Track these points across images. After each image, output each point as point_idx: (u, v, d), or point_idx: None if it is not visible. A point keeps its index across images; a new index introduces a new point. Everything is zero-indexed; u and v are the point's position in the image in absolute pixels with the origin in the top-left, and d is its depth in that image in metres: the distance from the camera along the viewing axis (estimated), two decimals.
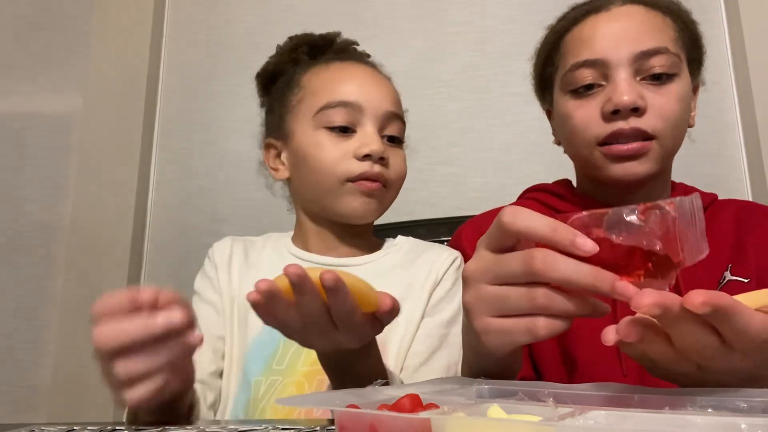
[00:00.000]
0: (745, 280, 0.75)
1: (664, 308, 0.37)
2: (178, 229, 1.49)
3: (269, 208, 1.47)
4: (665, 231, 0.41)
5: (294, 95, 0.90)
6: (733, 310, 0.37)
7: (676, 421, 0.31)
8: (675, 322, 0.38)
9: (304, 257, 0.88)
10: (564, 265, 0.42)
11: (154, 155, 1.53)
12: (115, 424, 0.56)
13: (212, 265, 0.90)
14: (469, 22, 1.48)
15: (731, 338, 0.38)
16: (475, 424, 0.31)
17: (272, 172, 0.93)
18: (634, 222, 0.41)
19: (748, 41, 1.33)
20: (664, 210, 0.41)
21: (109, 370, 0.51)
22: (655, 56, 0.73)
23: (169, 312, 0.51)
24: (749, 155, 1.33)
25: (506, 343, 0.46)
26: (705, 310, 0.36)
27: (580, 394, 0.42)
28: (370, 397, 0.39)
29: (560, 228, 0.42)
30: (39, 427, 0.54)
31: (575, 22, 0.79)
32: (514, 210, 0.44)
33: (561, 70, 0.79)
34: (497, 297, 0.45)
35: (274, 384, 0.79)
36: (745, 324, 0.37)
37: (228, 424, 0.55)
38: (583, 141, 0.76)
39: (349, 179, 0.83)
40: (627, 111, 0.72)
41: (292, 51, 0.96)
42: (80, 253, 1.43)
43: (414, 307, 0.83)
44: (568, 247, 0.42)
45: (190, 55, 1.57)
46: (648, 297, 0.38)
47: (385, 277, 0.84)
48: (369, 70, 0.91)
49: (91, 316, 0.52)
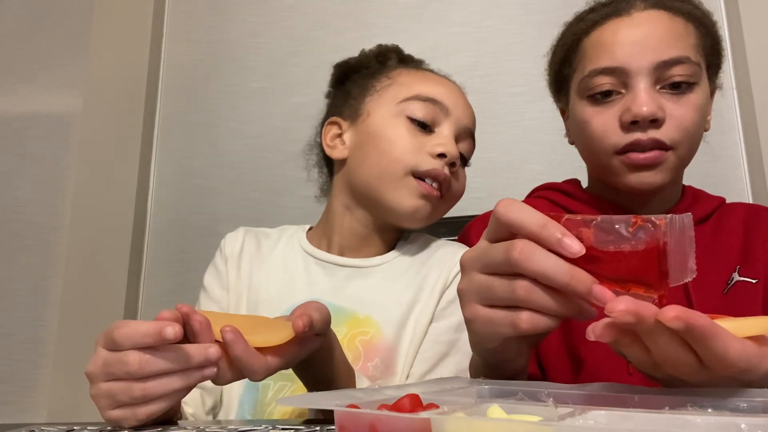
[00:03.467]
0: (753, 280, 0.75)
1: (637, 317, 0.37)
2: (178, 229, 1.49)
3: (269, 208, 1.48)
4: (653, 247, 0.40)
5: (379, 82, 0.89)
6: (709, 333, 0.36)
7: (676, 421, 0.31)
8: (650, 333, 0.38)
9: (315, 254, 0.87)
10: (543, 258, 0.41)
11: (154, 155, 1.53)
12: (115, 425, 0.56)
13: (222, 258, 0.89)
14: (469, 22, 1.48)
15: (707, 360, 0.38)
16: (475, 424, 0.31)
17: (327, 149, 0.90)
18: (623, 234, 0.41)
19: (748, 41, 1.33)
20: (655, 226, 0.40)
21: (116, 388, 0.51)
22: (676, 66, 0.72)
23: (206, 348, 0.52)
24: (749, 155, 1.33)
25: (492, 334, 0.46)
26: (677, 325, 0.36)
27: (580, 394, 0.42)
28: (370, 397, 0.39)
29: (550, 225, 0.42)
30: (39, 427, 0.54)
31: (595, 25, 0.77)
32: (509, 202, 0.44)
33: (579, 74, 0.78)
34: (484, 285, 0.45)
35: (282, 389, 0.79)
36: (722, 349, 0.37)
37: (228, 424, 0.55)
38: (600, 148, 0.75)
39: (415, 173, 0.82)
40: (646, 122, 0.71)
41: (379, 55, 0.96)
42: (80, 253, 1.43)
43: (423, 311, 0.82)
44: (554, 245, 0.41)
45: (190, 55, 1.57)
46: (622, 304, 0.37)
47: (396, 281, 0.84)
48: (458, 86, 0.91)
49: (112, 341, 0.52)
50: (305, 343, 0.59)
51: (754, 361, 0.37)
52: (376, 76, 0.90)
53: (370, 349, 0.80)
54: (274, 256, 0.89)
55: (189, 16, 1.60)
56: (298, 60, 1.51)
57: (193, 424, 0.54)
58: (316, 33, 1.52)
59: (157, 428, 0.52)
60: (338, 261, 0.87)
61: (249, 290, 0.86)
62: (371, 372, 0.79)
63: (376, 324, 0.82)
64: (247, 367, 0.54)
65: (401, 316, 0.82)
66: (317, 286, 0.83)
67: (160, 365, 0.51)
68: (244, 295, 0.85)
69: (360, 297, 0.83)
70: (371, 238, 0.88)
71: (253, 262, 0.88)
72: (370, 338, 0.80)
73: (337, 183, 0.91)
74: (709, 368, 0.38)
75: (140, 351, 0.50)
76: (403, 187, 0.82)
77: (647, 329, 0.38)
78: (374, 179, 0.84)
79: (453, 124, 0.85)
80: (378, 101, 0.87)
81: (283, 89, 1.50)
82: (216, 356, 0.52)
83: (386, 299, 0.83)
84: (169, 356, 0.51)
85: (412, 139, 0.83)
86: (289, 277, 0.86)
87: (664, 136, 0.72)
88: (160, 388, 0.51)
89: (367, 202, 0.86)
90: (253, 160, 1.49)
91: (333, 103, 0.96)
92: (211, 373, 0.53)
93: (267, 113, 1.50)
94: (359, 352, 0.80)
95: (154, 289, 1.47)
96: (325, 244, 0.89)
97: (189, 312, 0.54)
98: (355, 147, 0.87)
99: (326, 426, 0.50)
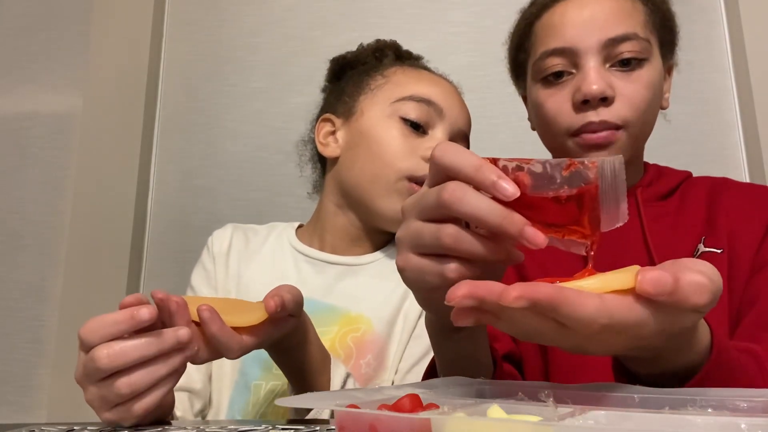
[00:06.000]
0: (718, 250, 0.75)
1: (478, 299, 0.36)
2: (178, 229, 1.49)
3: (269, 208, 1.48)
4: (584, 191, 0.40)
5: (374, 81, 0.88)
6: (556, 301, 0.35)
7: (676, 421, 0.31)
8: (504, 311, 0.37)
9: (305, 252, 0.87)
10: (474, 199, 0.40)
11: (154, 155, 1.53)
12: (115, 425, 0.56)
13: (210, 256, 0.89)
14: (469, 22, 1.48)
15: (569, 324, 0.36)
16: (475, 424, 0.31)
17: (320, 146, 0.90)
18: (557, 177, 0.41)
19: (748, 41, 1.33)
20: (587, 168, 0.40)
21: (104, 389, 0.51)
22: (624, 42, 0.73)
23: (177, 330, 0.53)
24: (749, 155, 1.33)
25: (421, 283, 0.44)
26: (521, 303, 0.35)
27: (580, 394, 0.42)
28: (370, 397, 0.39)
29: (485, 168, 0.41)
30: (39, 427, 0.54)
31: (545, 9, 0.79)
32: (446, 146, 0.43)
33: (532, 57, 0.80)
34: (416, 232, 0.44)
35: (275, 389, 0.79)
36: (574, 312, 0.35)
37: (228, 424, 0.55)
38: (555, 130, 0.77)
39: (408, 177, 0.82)
40: (596, 100, 0.72)
41: (377, 50, 0.95)
42: (80, 253, 1.43)
43: (412, 306, 0.83)
44: (489, 187, 0.40)
45: (190, 55, 1.57)
46: (461, 289, 0.36)
47: (387, 278, 0.84)
48: (454, 87, 0.90)
49: (81, 340, 0.51)
50: (279, 323, 0.60)
51: (617, 313, 0.36)
52: (371, 74, 0.89)
53: (361, 345, 0.81)
54: (263, 253, 0.89)
55: (189, 16, 1.60)
56: (298, 60, 1.51)
57: (194, 424, 0.54)
58: (316, 33, 1.52)
59: (157, 428, 0.52)
60: (328, 259, 0.87)
61: (238, 288, 0.85)
62: (364, 370, 0.79)
63: (368, 320, 0.82)
64: (224, 344, 0.55)
65: (392, 311, 0.82)
66: (308, 285, 0.83)
67: (131, 355, 0.50)
68: (233, 293, 0.85)
69: (351, 294, 0.83)
70: (363, 238, 0.88)
71: (242, 259, 0.88)
72: (362, 334, 0.81)
73: (329, 182, 0.90)
74: (574, 330, 0.36)
75: (108, 344, 0.50)
76: (393, 191, 0.82)
77: (498, 308, 0.36)
78: (365, 182, 0.83)
79: (447, 126, 0.84)
80: (372, 100, 0.86)
81: (283, 89, 1.50)
82: (186, 336, 0.52)
83: (377, 296, 0.83)
84: (139, 344, 0.51)
85: (404, 142, 0.82)
86: (278, 274, 0.86)
87: (614, 117, 0.72)
88: (145, 378, 0.51)
89: (357, 204, 0.86)
90: (253, 160, 1.49)
91: (328, 99, 0.95)
92: (192, 353, 0.54)
93: (267, 113, 1.50)
94: (351, 350, 0.80)
95: (154, 289, 1.47)
96: (317, 242, 0.89)
97: (164, 297, 0.55)
98: (348, 146, 0.87)
99: (326, 426, 0.50)
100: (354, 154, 0.85)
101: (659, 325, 0.37)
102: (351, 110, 0.87)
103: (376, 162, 0.82)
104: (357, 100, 0.87)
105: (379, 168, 0.82)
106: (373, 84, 0.88)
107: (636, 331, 0.37)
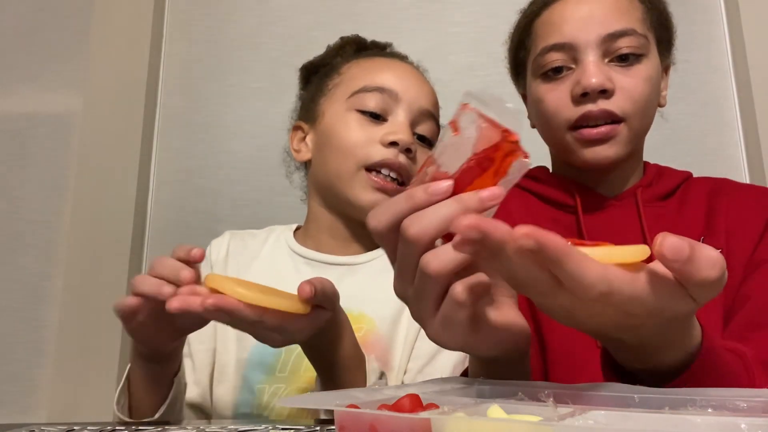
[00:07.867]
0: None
1: (483, 232, 0.36)
2: (178, 229, 1.49)
3: (269, 208, 1.48)
4: (478, 126, 0.42)
5: (332, 80, 0.89)
6: (562, 254, 0.34)
7: (676, 421, 0.32)
8: (500, 250, 0.36)
9: (304, 254, 0.88)
10: (430, 215, 0.41)
11: (154, 155, 1.53)
12: (116, 424, 0.56)
13: (209, 265, 0.89)
14: (469, 22, 1.48)
15: (566, 282, 0.36)
16: (475, 424, 0.31)
17: (294, 153, 0.92)
18: (453, 139, 0.42)
19: (748, 41, 1.33)
20: (465, 111, 0.42)
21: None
22: (623, 37, 0.74)
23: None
24: (749, 155, 1.33)
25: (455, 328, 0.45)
26: (527, 243, 0.34)
27: (580, 394, 0.42)
28: (370, 396, 0.39)
29: (412, 192, 0.42)
30: (39, 427, 0.54)
31: (544, 6, 0.80)
32: (372, 213, 0.44)
33: (532, 54, 0.81)
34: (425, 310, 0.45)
35: (278, 392, 0.79)
36: (577, 271, 0.35)
37: (228, 424, 0.55)
38: (554, 125, 0.77)
39: (367, 166, 0.81)
40: (595, 93, 0.73)
41: (340, 48, 0.96)
42: (80, 253, 1.43)
43: None
44: (428, 200, 0.41)
45: (190, 55, 1.57)
46: (467, 219, 0.36)
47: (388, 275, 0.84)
48: (411, 67, 0.90)
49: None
50: (313, 316, 0.59)
51: (617, 284, 0.36)
52: (329, 74, 0.91)
53: (364, 346, 0.81)
54: (262, 256, 0.89)
55: (189, 16, 1.59)
56: (298, 60, 1.51)
57: (194, 424, 0.55)
58: (316, 33, 1.52)
59: (157, 428, 0.52)
60: (327, 259, 0.87)
61: None
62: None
63: (371, 320, 0.82)
64: (288, 329, 0.56)
65: (395, 310, 0.82)
66: None
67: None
68: None
69: (352, 294, 0.83)
70: (356, 235, 0.88)
71: (240, 265, 0.88)
72: (364, 334, 0.80)
73: (309, 185, 0.92)
74: (570, 291, 0.36)
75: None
76: (356, 182, 0.82)
77: (498, 247, 0.36)
78: (333, 178, 0.85)
79: (405, 109, 0.84)
80: (330, 100, 0.87)
81: (283, 89, 1.50)
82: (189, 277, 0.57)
83: (379, 294, 0.83)
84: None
85: (362, 132, 0.83)
86: (278, 278, 0.86)
87: (614, 107, 0.73)
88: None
89: (335, 200, 0.87)
90: (253, 160, 1.49)
91: (299, 106, 0.97)
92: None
93: (267, 113, 1.49)
94: None
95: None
96: (314, 243, 0.89)
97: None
98: (317, 148, 0.88)
99: (326, 426, 0.50)
100: (322, 155, 0.87)
101: (654, 304, 0.37)
102: (315, 114, 0.89)
103: (338, 157, 0.84)
104: (318, 103, 0.89)
105: (341, 162, 0.83)
106: (330, 84, 0.89)
107: (629, 307, 0.37)
